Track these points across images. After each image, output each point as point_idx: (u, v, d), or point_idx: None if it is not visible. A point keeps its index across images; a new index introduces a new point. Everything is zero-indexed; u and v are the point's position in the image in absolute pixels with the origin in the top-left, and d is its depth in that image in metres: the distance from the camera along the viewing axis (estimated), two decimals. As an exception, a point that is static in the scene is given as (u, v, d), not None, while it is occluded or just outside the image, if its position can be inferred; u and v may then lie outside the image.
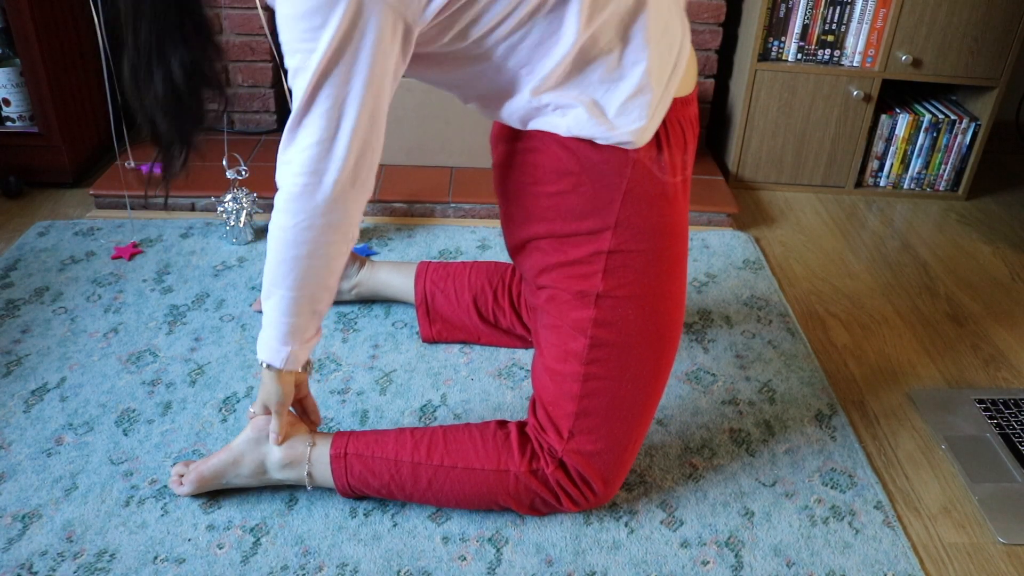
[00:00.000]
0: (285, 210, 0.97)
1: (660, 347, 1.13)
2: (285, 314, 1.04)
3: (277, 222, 0.99)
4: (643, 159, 1.04)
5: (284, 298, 1.03)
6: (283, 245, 0.99)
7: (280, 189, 0.97)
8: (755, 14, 2.08)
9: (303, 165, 0.94)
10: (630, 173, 1.04)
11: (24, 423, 1.33)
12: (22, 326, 1.55)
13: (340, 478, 1.17)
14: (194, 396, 1.41)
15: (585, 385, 1.11)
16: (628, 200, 1.05)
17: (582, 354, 1.11)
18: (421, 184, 2.04)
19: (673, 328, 1.15)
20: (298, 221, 0.97)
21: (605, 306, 1.09)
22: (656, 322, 1.11)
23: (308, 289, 1.02)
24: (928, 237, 2.08)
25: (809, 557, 1.18)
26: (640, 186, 1.05)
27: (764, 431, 1.40)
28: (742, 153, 2.22)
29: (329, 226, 0.98)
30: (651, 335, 1.12)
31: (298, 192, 0.95)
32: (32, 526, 1.16)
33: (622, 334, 1.10)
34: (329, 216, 0.97)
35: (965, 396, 1.50)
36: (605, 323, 1.09)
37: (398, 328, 1.60)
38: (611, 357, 1.11)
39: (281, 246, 0.99)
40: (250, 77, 2.21)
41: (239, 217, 1.82)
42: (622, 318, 1.09)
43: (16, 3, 1.83)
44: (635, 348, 1.11)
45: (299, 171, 0.95)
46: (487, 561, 1.14)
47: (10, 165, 2.02)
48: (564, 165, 1.05)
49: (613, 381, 1.11)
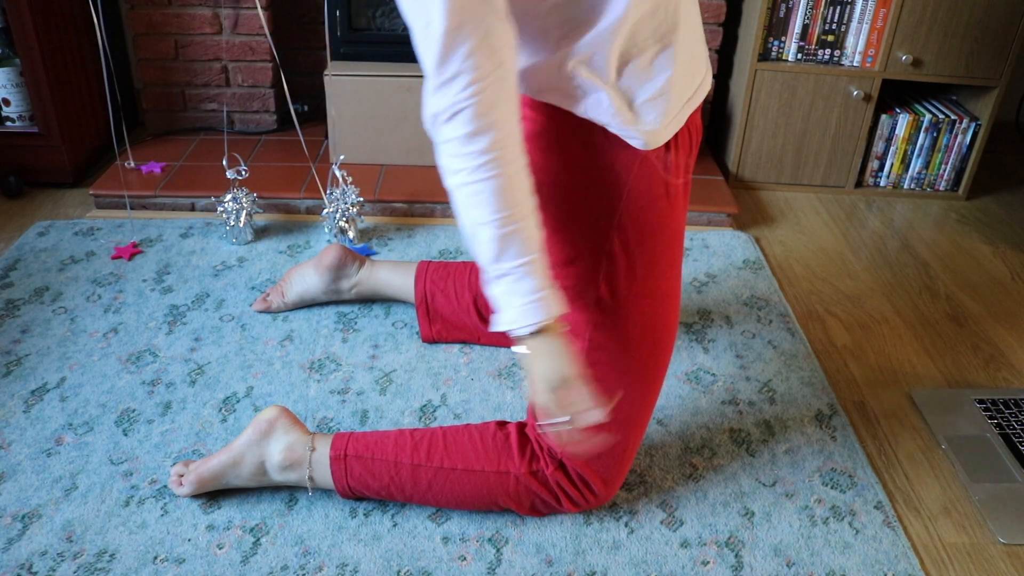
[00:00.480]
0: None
1: (657, 349, 1.13)
2: (521, 252, 0.89)
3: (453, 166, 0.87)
4: (651, 156, 1.04)
5: (499, 234, 0.88)
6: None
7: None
8: (755, 14, 2.08)
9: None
10: (636, 170, 1.03)
11: (24, 423, 1.33)
12: (22, 326, 1.55)
13: (340, 480, 1.17)
14: (194, 396, 1.41)
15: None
16: (632, 198, 1.04)
17: (581, 358, 1.10)
18: (421, 184, 2.04)
19: (669, 330, 1.14)
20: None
21: (604, 309, 1.08)
22: (653, 324, 1.11)
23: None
24: (928, 237, 2.08)
25: (809, 557, 1.18)
26: (645, 185, 1.04)
27: (764, 431, 1.40)
28: (742, 153, 2.22)
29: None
30: (649, 336, 1.11)
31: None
32: (32, 526, 1.16)
33: (620, 337, 1.09)
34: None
35: (965, 396, 1.50)
36: (603, 326, 1.09)
37: (398, 328, 1.60)
38: (609, 360, 1.10)
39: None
40: (250, 77, 2.20)
41: (239, 217, 1.82)
42: (621, 321, 1.09)
43: (16, 3, 1.83)
44: (634, 350, 1.11)
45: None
46: (487, 561, 1.14)
47: (10, 165, 2.02)
48: (572, 157, 1.04)
49: (610, 383, 1.11)
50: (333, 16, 2.05)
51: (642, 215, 1.05)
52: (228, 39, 2.15)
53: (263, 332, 1.57)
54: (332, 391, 1.43)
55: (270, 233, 1.91)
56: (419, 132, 2.09)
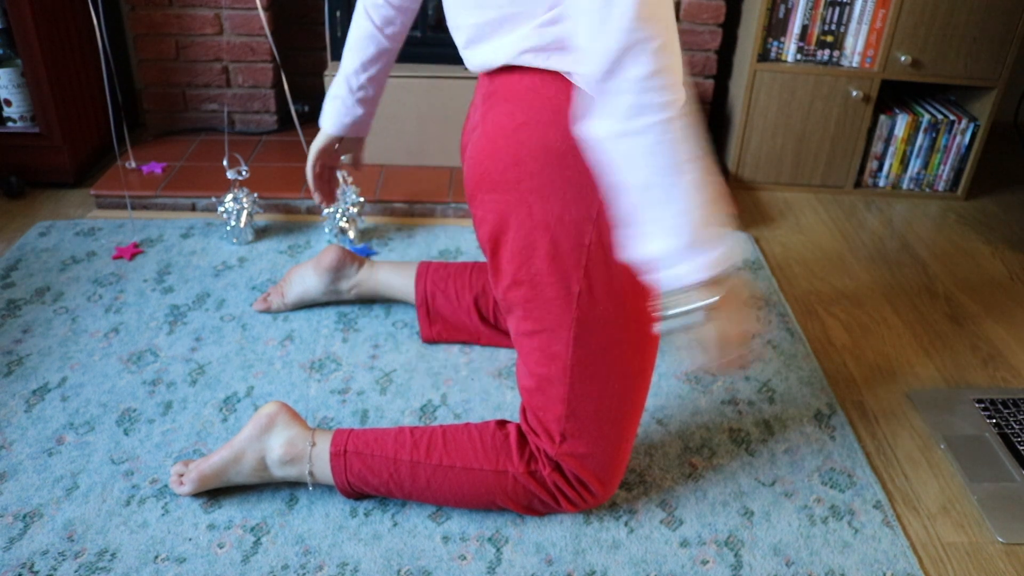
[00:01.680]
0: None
1: (644, 342, 1.11)
2: (691, 204, 0.86)
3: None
4: None
5: (682, 186, 0.86)
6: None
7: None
8: (754, 14, 2.09)
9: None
10: None
11: (25, 423, 1.34)
12: (23, 326, 1.56)
13: (339, 476, 1.18)
14: (195, 396, 1.41)
15: (572, 387, 1.10)
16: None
17: (567, 356, 1.08)
18: (421, 184, 2.05)
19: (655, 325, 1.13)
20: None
21: (586, 304, 1.05)
22: (638, 319, 1.08)
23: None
24: (927, 237, 2.08)
25: (808, 556, 1.18)
26: None
27: (763, 431, 1.40)
28: (742, 153, 2.22)
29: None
30: (634, 330, 1.09)
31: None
32: (33, 525, 1.16)
33: (605, 332, 1.07)
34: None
35: (964, 396, 1.51)
36: (587, 322, 1.06)
37: (398, 328, 1.60)
38: (596, 356, 1.09)
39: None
40: (250, 77, 2.21)
41: (239, 217, 1.82)
42: (604, 316, 1.06)
43: (17, 3, 1.83)
44: (619, 345, 1.09)
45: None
46: (487, 561, 1.15)
47: (11, 165, 2.02)
48: (551, 144, 0.99)
49: (601, 380, 1.10)
50: (333, 16, 2.06)
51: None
52: (229, 39, 2.15)
53: (263, 332, 1.57)
54: (332, 391, 1.44)
55: (271, 233, 1.91)
56: (419, 132, 2.09)
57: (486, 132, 1.05)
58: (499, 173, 1.03)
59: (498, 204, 1.05)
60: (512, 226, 1.04)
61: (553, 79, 0.98)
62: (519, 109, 1.01)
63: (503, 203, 1.04)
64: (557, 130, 0.98)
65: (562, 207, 1.01)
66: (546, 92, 0.98)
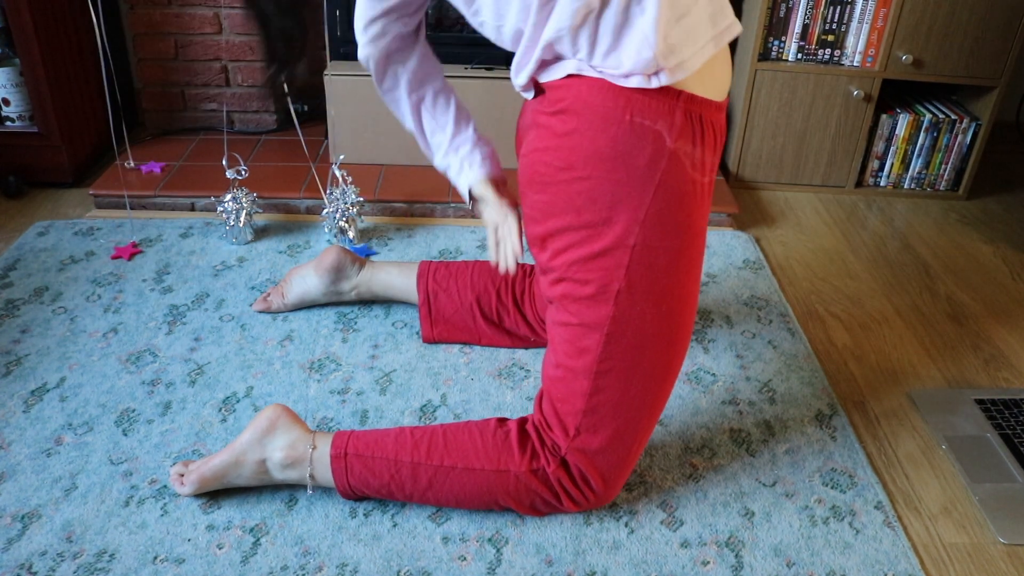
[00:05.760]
0: None
1: (673, 348, 1.13)
2: None
3: None
4: (679, 152, 1.04)
5: None
6: None
7: None
8: (755, 14, 2.08)
9: None
10: (664, 165, 1.03)
11: (24, 423, 1.33)
12: (22, 326, 1.55)
13: (340, 478, 1.17)
14: (194, 396, 1.40)
15: (596, 382, 1.11)
16: (660, 193, 1.04)
17: (596, 351, 1.10)
18: (421, 184, 2.04)
19: (686, 329, 1.14)
20: None
21: (624, 303, 1.08)
22: (671, 322, 1.11)
23: None
24: (928, 237, 2.08)
25: (809, 557, 1.18)
26: (673, 180, 1.04)
27: (764, 431, 1.40)
28: (742, 153, 2.22)
29: None
30: (665, 335, 1.11)
31: None
32: (32, 526, 1.16)
33: (638, 333, 1.09)
34: None
35: (965, 396, 1.50)
36: (622, 320, 1.08)
37: (398, 328, 1.60)
38: (625, 356, 1.10)
39: None
40: (250, 77, 2.21)
41: (239, 217, 1.82)
42: (640, 316, 1.08)
43: (16, 3, 1.83)
44: (649, 347, 1.10)
45: None
46: (487, 561, 1.14)
47: (10, 165, 2.02)
48: (601, 150, 1.03)
49: (625, 380, 1.11)
50: (333, 16, 2.05)
51: (668, 211, 1.05)
52: (228, 39, 2.15)
53: (263, 332, 1.57)
54: (332, 391, 1.43)
55: (270, 233, 1.91)
56: (419, 132, 2.08)
57: (540, 135, 1.10)
58: (550, 176, 1.08)
59: (547, 204, 1.09)
60: (559, 226, 1.08)
61: (605, 87, 1.02)
62: (571, 115, 1.05)
63: (552, 204, 1.08)
64: (607, 136, 1.03)
65: (609, 210, 1.05)
66: (596, 99, 1.03)
